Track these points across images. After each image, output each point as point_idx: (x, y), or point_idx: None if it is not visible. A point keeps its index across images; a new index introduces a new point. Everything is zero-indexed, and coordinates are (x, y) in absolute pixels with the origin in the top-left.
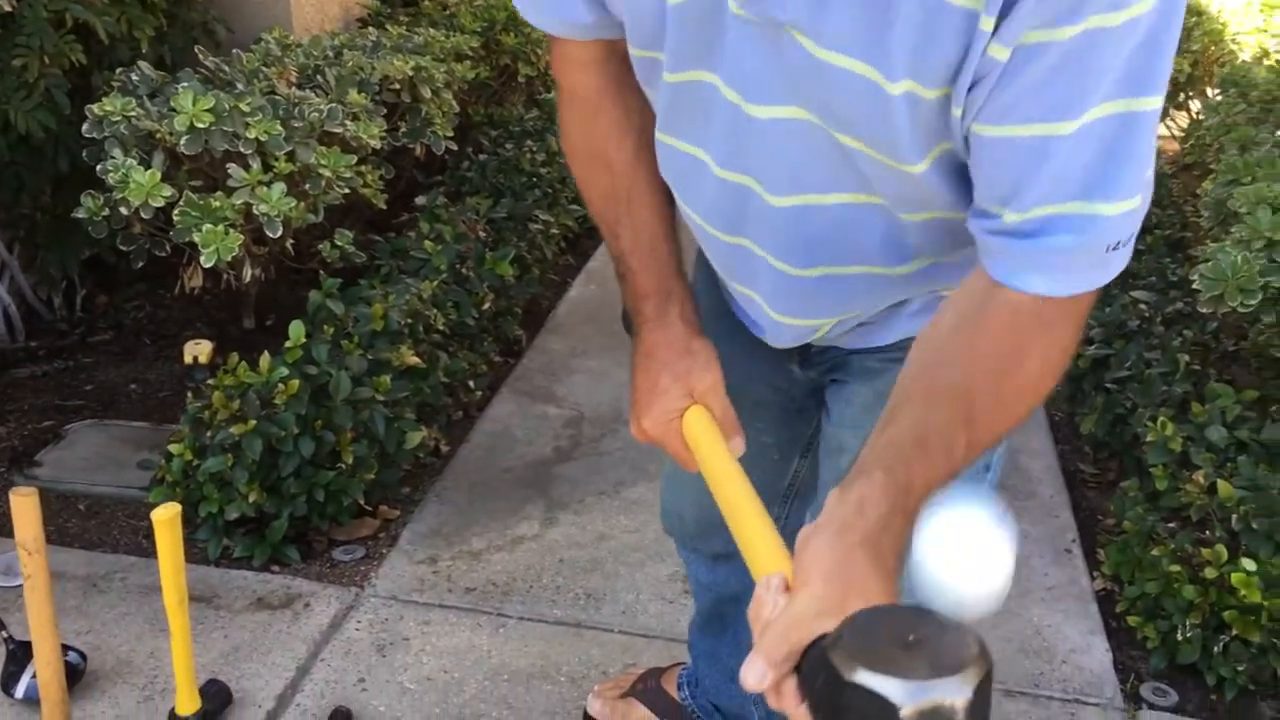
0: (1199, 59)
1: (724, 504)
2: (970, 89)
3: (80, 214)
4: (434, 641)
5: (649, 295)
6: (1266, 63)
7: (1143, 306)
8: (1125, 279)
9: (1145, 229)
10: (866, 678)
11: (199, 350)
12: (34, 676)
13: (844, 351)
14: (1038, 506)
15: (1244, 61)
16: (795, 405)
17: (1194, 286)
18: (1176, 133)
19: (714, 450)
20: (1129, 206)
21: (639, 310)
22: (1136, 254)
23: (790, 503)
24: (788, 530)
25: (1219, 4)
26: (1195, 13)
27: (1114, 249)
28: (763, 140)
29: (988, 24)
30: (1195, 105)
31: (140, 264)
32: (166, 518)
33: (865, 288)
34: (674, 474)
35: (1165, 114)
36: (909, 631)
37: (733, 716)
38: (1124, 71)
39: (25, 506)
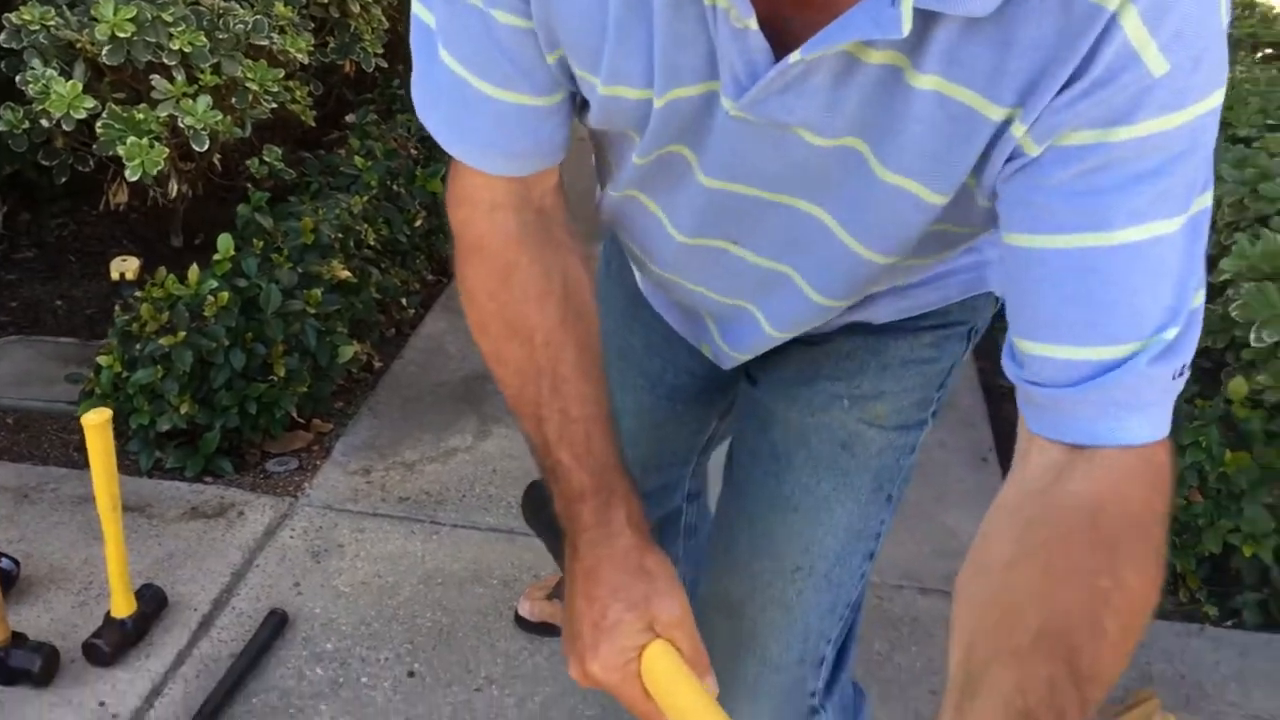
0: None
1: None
2: (999, 184)
3: (0, 127)
4: (368, 548)
5: (586, 497)
6: None
7: None
8: None
9: None
10: None
11: (126, 267)
12: None
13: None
14: (956, 418)
15: None
16: (717, 384)
17: None
18: None
19: (695, 702)
20: (1193, 317)
21: (573, 516)
22: None
23: (707, 449)
24: (700, 469)
25: None
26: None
27: (1181, 375)
28: (750, 216)
29: (1016, 124)
30: None
31: (63, 179)
32: (97, 422)
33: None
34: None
35: None
36: None
37: None
38: (1190, 171)
39: None
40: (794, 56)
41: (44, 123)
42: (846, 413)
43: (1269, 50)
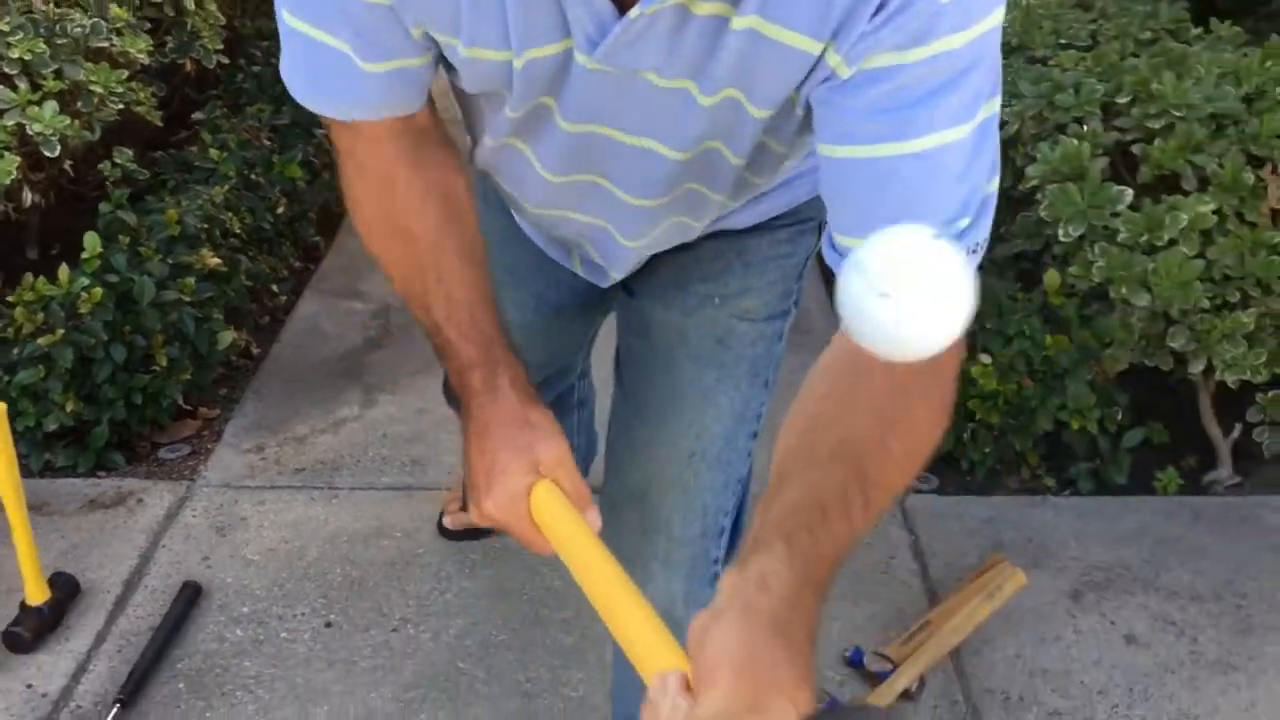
0: None
1: (594, 594)
2: (807, 101)
3: None
4: (271, 518)
5: (474, 367)
6: None
7: None
8: None
9: None
10: None
11: None
12: None
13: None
14: (814, 341)
15: None
16: (597, 297)
17: None
18: None
19: (574, 532)
20: (985, 207)
21: (465, 385)
22: None
23: (594, 340)
24: (588, 352)
25: None
26: None
27: (974, 252)
28: (614, 152)
29: (834, 57)
30: None
31: None
32: None
33: (690, 231)
34: None
35: None
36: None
37: None
38: (982, 82)
39: None
40: (634, 12)
41: None
42: (718, 310)
43: None
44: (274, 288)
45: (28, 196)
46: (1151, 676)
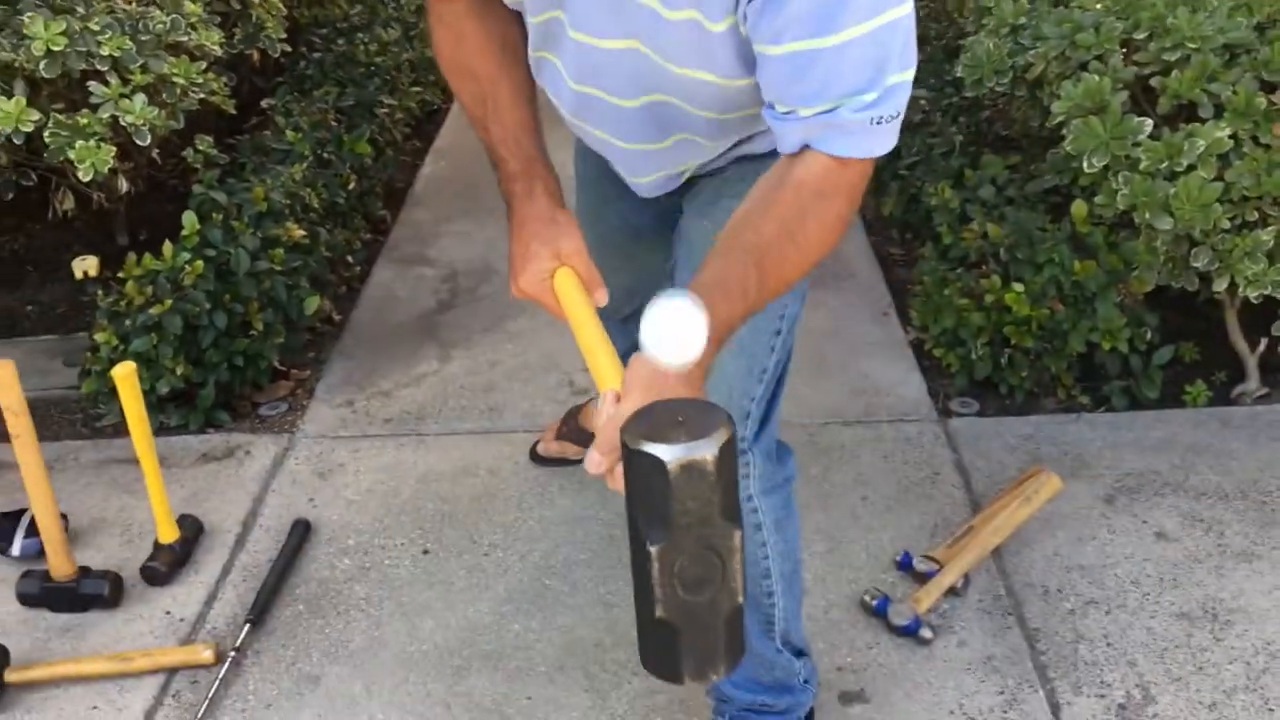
0: None
1: (582, 343)
2: (748, 14)
3: None
4: (366, 463)
5: (517, 178)
6: None
7: (923, 103)
8: None
9: (924, 40)
10: (646, 446)
11: (87, 265)
12: (26, 536)
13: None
14: (857, 284)
15: None
16: (669, 220)
17: (958, 75)
18: None
19: (578, 302)
20: (898, 79)
21: (510, 192)
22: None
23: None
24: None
25: None
26: None
27: (879, 123)
28: (602, 60)
29: None
30: None
31: (9, 196)
32: (125, 373)
33: (700, 150)
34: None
35: None
36: (678, 415)
37: None
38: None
39: (6, 373)
40: None
41: None
42: None
43: None
44: (349, 259)
45: (122, 184)
46: (1180, 567)
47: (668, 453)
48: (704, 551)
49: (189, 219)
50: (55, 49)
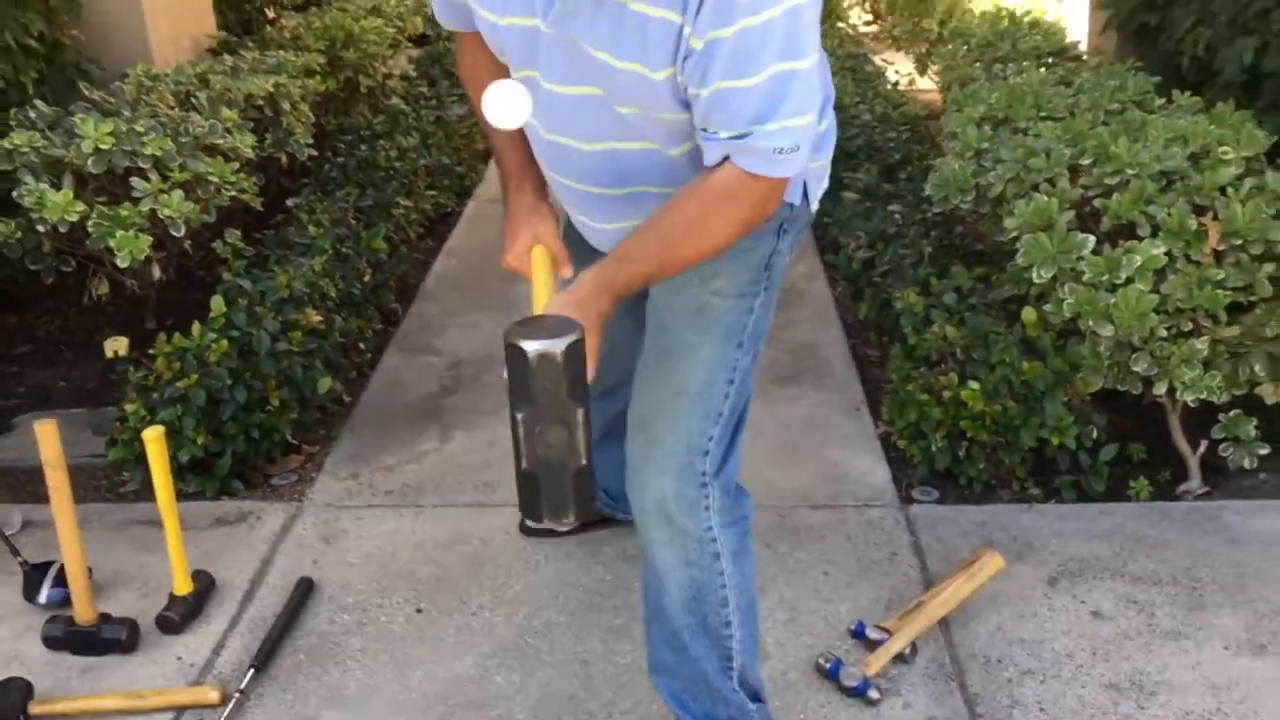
0: (945, 19)
1: (534, 298)
2: (683, 65)
3: None
4: (368, 529)
5: (512, 175)
6: (985, 11)
7: (897, 217)
8: (885, 198)
9: (906, 160)
10: (516, 339)
11: (118, 345)
12: (53, 586)
13: None
14: (834, 382)
15: (968, 14)
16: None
17: (927, 193)
18: (935, 81)
19: (543, 271)
20: (792, 123)
21: (506, 185)
22: (896, 179)
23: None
24: None
25: None
26: None
27: (779, 153)
28: (570, 108)
29: (687, 30)
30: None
31: (50, 280)
32: (155, 435)
33: (653, 200)
34: None
35: (924, 69)
36: (546, 325)
37: (618, 496)
38: (776, 49)
39: (47, 431)
40: None
41: (39, 229)
42: (698, 288)
43: (1050, 58)
44: (361, 345)
45: (155, 271)
46: (1113, 643)
47: (529, 346)
48: (556, 422)
49: (216, 302)
50: (103, 147)
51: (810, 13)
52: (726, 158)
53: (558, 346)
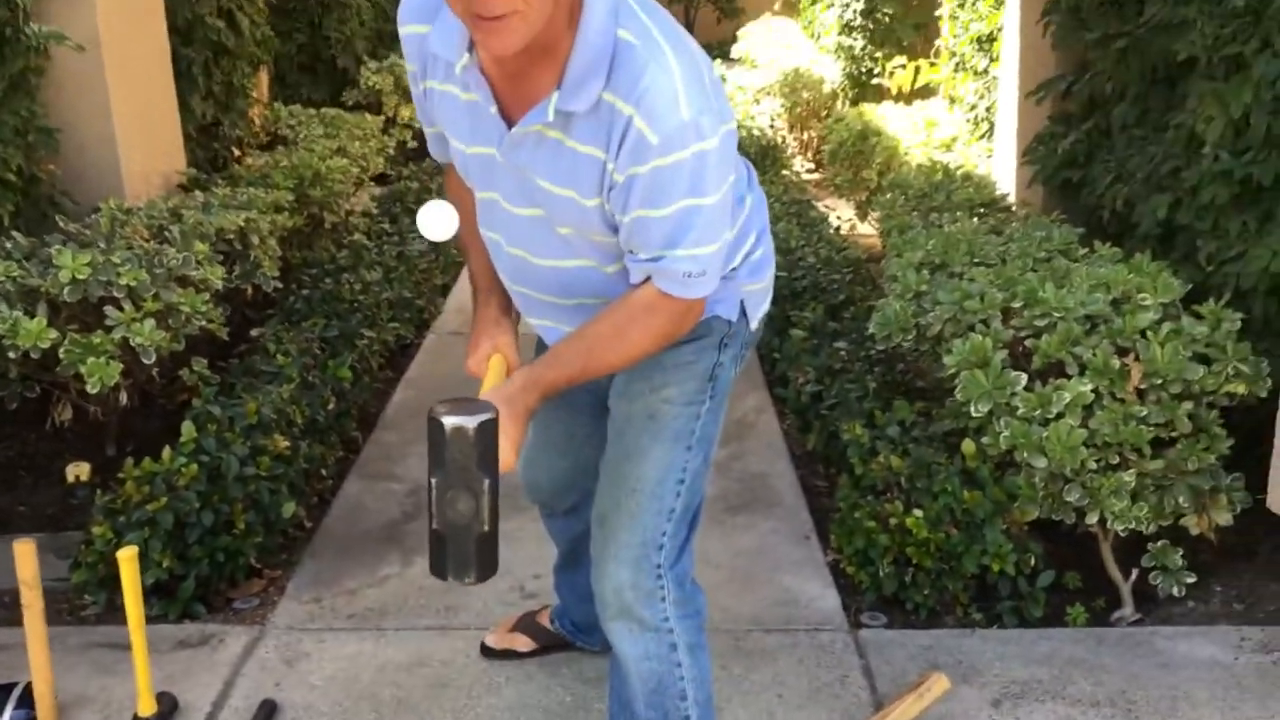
0: (883, 169)
1: (483, 388)
2: (609, 194)
3: None
4: (330, 652)
5: (480, 290)
6: (923, 167)
7: (843, 354)
8: (831, 335)
9: (850, 300)
10: (434, 413)
11: (79, 470)
12: (16, 708)
13: None
14: (784, 511)
15: (905, 165)
16: (602, 405)
17: (871, 331)
18: (876, 229)
19: (495, 377)
20: (697, 252)
21: (475, 300)
22: (841, 318)
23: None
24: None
25: (893, 127)
26: (875, 132)
27: (689, 276)
28: (523, 226)
29: (610, 166)
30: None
31: (14, 405)
32: (128, 555)
33: (596, 309)
34: (530, 457)
35: (864, 215)
36: (466, 404)
37: (585, 628)
38: (684, 186)
39: (25, 551)
40: (513, 130)
41: (11, 355)
42: (649, 397)
43: (982, 209)
44: (323, 471)
45: (123, 398)
46: None
47: (446, 420)
48: (464, 489)
49: (187, 428)
50: (80, 277)
51: (715, 156)
52: (648, 277)
53: (470, 422)
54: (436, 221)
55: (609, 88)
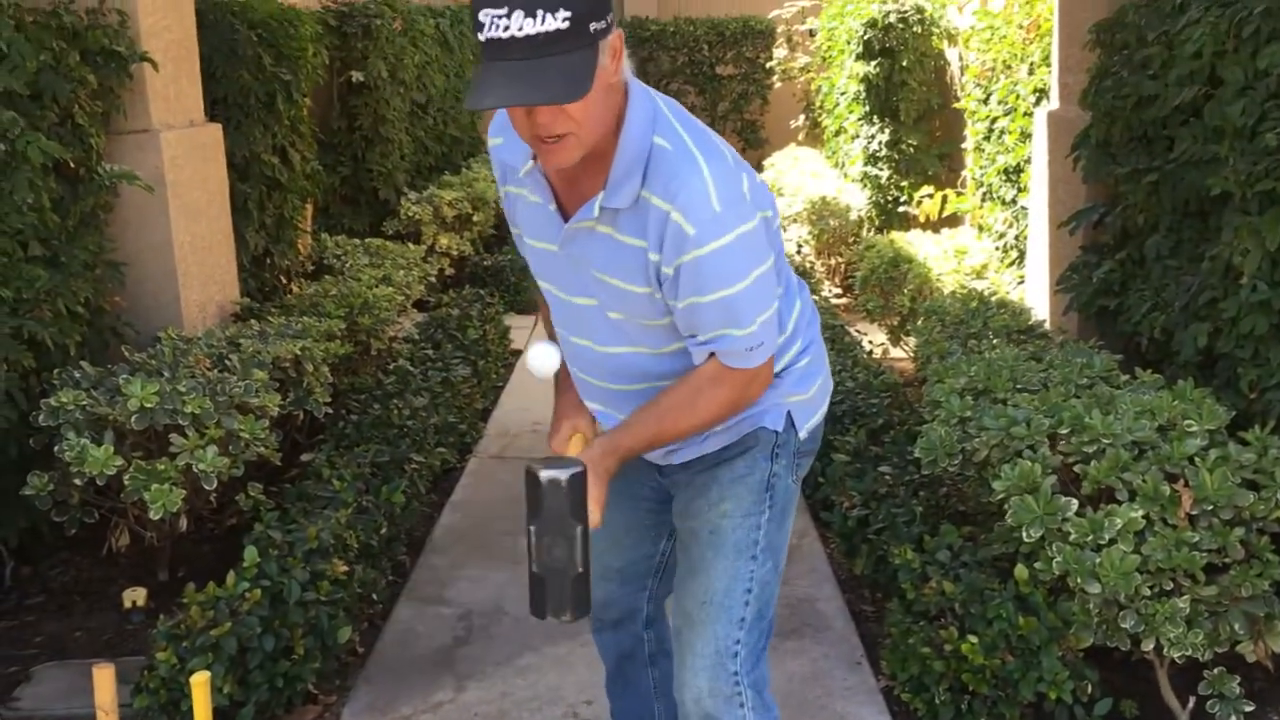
0: (915, 295)
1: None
2: (661, 286)
3: (27, 491)
4: None
5: (562, 379)
6: (958, 293)
7: (888, 478)
8: (874, 459)
9: (889, 425)
10: (532, 468)
11: (136, 595)
12: None
13: (675, 467)
14: (833, 636)
15: (939, 294)
16: (661, 500)
17: (917, 456)
18: (909, 354)
19: (576, 453)
20: (750, 329)
21: (556, 388)
22: (881, 442)
23: (659, 575)
24: (656, 596)
25: (924, 254)
26: (907, 259)
27: (749, 350)
28: (581, 315)
29: (655, 257)
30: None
31: (73, 531)
32: (201, 680)
33: (648, 394)
34: None
35: (897, 341)
36: (557, 461)
37: None
38: (728, 271)
39: (104, 677)
40: (567, 225)
41: (77, 481)
42: (708, 513)
43: (1019, 335)
44: (374, 596)
45: (183, 523)
46: None
47: (542, 473)
48: (560, 535)
49: (250, 553)
50: (148, 405)
51: (752, 239)
52: (712, 354)
53: (563, 475)
54: (545, 359)
55: (645, 187)
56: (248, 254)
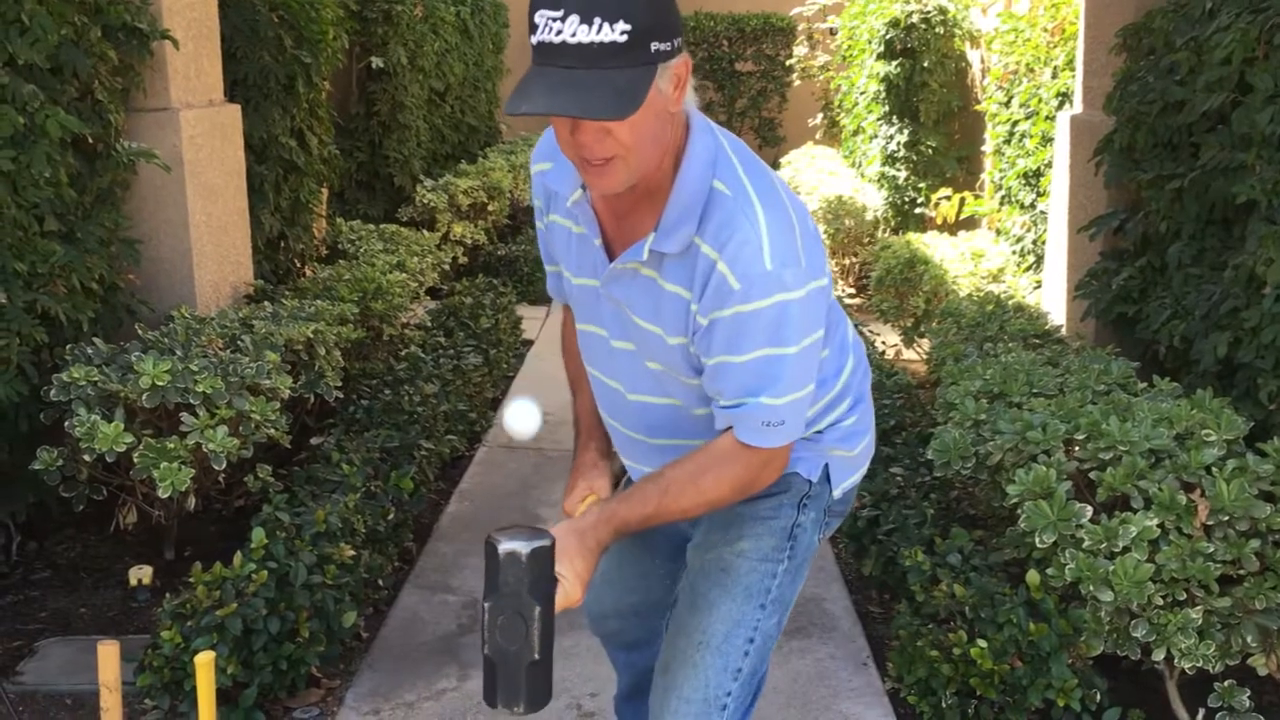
0: (930, 297)
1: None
2: (694, 337)
3: (36, 466)
4: None
5: (581, 434)
6: (974, 296)
7: (899, 479)
8: (885, 460)
9: (901, 426)
10: (491, 538)
11: (142, 574)
12: None
13: None
14: (840, 636)
15: (955, 296)
16: (679, 546)
17: (930, 458)
18: (922, 355)
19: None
20: (776, 402)
21: (576, 443)
22: (893, 444)
23: (671, 611)
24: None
25: (940, 256)
26: (923, 261)
27: (769, 425)
28: (618, 360)
29: (694, 307)
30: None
31: (80, 508)
32: (205, 660)
33: (681, 450)
34: (598, 593)
35: (910, 342)
36: (524, 532)
37: None
38: (765, 334)
39: (108, 653)
40: (611, 265)
41: (86, 457)
42: (723, 549)
43: (1036, 340)
44: (379, 582)
45: (190, 502)
46: None
47: (501, 545)
48: (516, 615)
49: (258, 534)
50: (159, 384)
51: (798, 309)
52: (730, 426)
53: (524, 548)
54: (525, 420)
55: (699, 233)
56: (263, 236)
